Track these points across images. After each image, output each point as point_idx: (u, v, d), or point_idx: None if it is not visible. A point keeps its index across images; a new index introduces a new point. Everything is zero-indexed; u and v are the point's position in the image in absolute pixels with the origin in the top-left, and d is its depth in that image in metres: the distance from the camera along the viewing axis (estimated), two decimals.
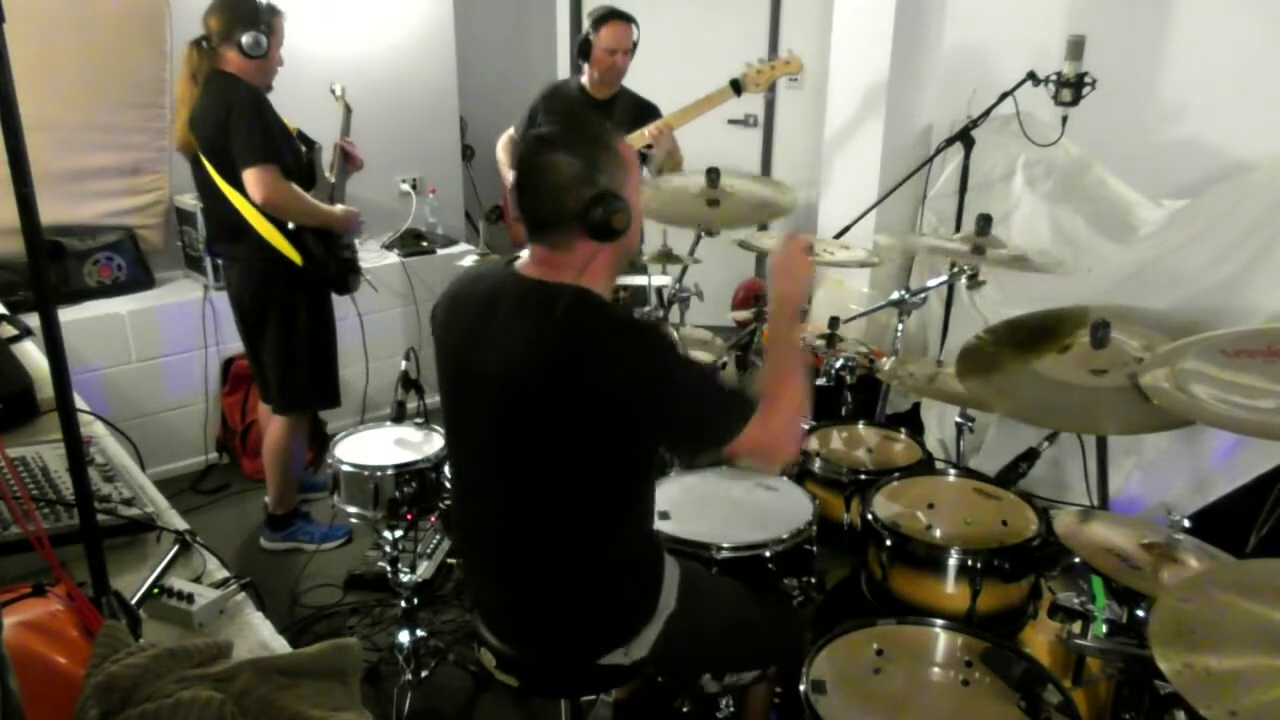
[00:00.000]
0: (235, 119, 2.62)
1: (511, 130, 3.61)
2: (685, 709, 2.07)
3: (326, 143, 3.05)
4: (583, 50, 3.38)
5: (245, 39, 2.65)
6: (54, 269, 3.36)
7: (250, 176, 2.63)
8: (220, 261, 3.03)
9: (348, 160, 3.07)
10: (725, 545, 1.93)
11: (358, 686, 1.14)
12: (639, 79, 3.51)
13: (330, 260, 2.89)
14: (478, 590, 1.79)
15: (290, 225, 2.77)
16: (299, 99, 4.05)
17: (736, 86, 3.28)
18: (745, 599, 1.86)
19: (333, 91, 3.18)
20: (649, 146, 3.26)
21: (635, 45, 3.37)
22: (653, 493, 1.72)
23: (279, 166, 2.68)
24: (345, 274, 2.97)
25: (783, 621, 1.95)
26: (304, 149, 2.90)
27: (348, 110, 3.17)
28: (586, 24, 3.38)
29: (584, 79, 3.46)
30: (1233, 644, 1.20)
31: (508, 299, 1.56)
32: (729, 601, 1.83)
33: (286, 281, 2.84)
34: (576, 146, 1.49)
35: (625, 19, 3.33)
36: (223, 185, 2.72)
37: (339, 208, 2.94)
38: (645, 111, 3.45)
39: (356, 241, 4.03)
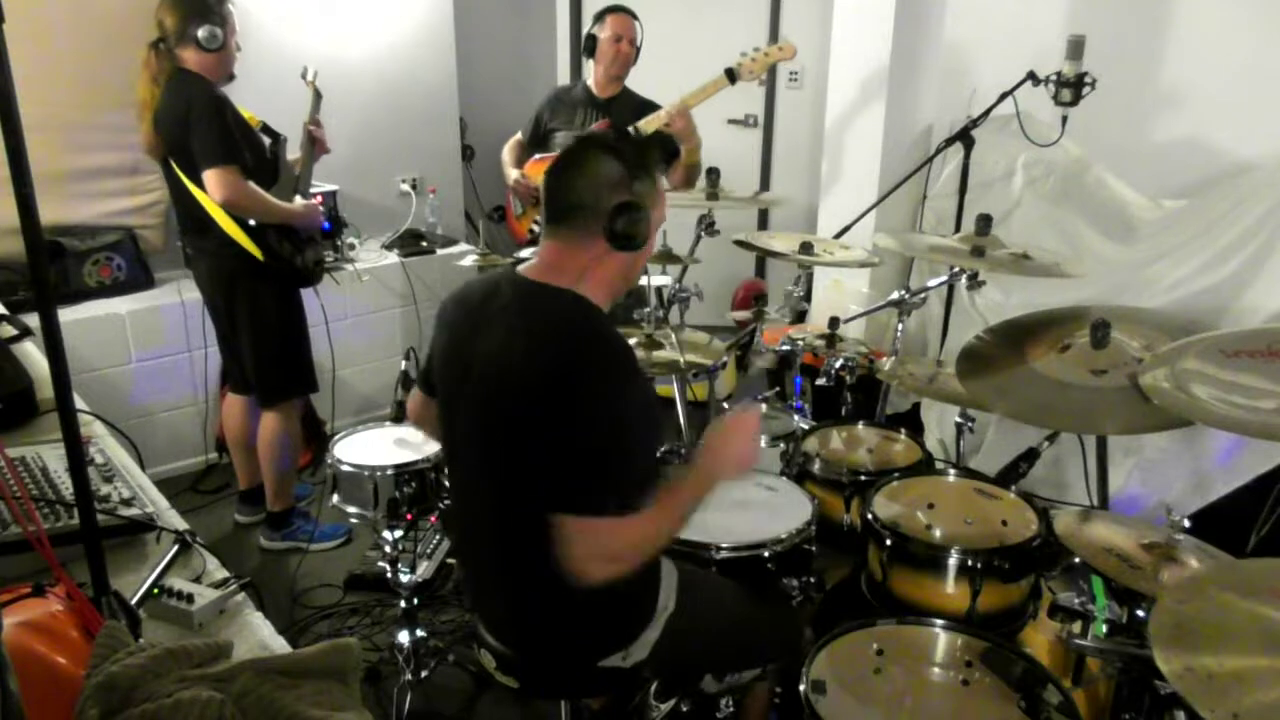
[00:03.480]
0: (194, 119, 2.63)
1: (519, 135, 3.60)
2: (685, 709, 2.07)
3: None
4: (588, 47, 3.38)
5: (201, 33, 2.64)
6: (54, 269, 3.35)
7: (210, 177, 2.64)
8: (189, 254, 3.02)
9: (314, 144, 3.04)
10: (725, 545, 1.92)
11: (358, 686, 1.14)
12: (640, 76, 3.51)
13: (293, 255, 2.89)
14: (475, 592, 1.79)
15: (252, 222, 2.78)
16: (295, 99, 4.07)
17: (731, 75, 3.25)
18: (743, 598, 1.86)
19: (304, 76, 3.10)
20: (667, 126, 3.25)
21: (638, 46, 3.37)
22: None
23: (239, 166, 2.68)
24: (308, 268, 2.96)
25: (781, 619, 1.95)
26: (269, 141, 2.89)
27: (317, 95, 3.12)
28: (590, 24, 3.38)
29: (589, 79, 3.45)
30: (1234, 645, 1.19)
31: (504, 300, 1.56)
32: (727, 601, 1.83)
33: (251, 275, 2.85)
34: (622, 155, 1.54)
35: (629, 12, 3.35)
36: (188, 183, 2.73)
37: (299, 203, 2.92)
38: (647, 111, 3.45)
39: (356, 241, 4.07)
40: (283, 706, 1.03)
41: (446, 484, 2.28)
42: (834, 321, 2.88)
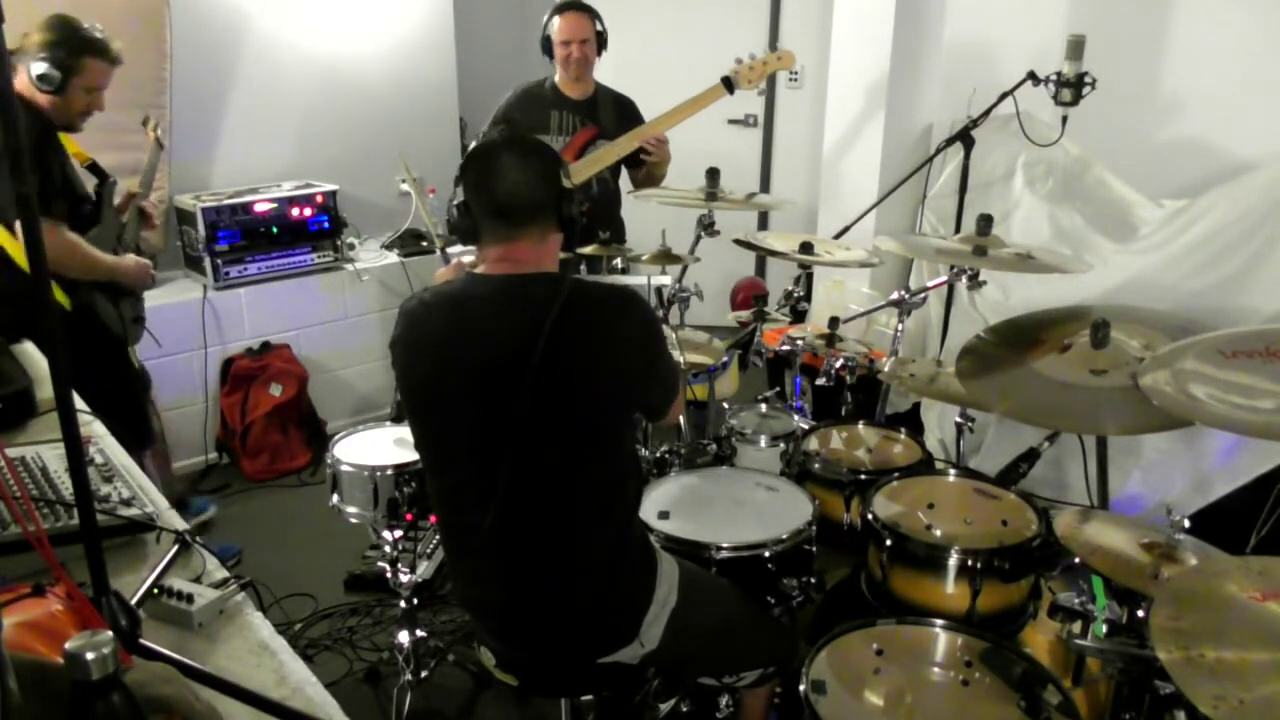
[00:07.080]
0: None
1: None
2: (685, 709, 2.07)
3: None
4: (545, 47, 3.27)
5: (36, 68, 2.36)
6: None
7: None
8: None
9: (142, 218, 2.82)
10: (725, 545, 1.92)
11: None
12: (637, 80, 3.50)
13: (111, 312, 2.65)
14: (475, 597, 1.77)
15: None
16: (295, 99, 4.07)
17: (729, 84, 3.16)
18: (742, 597, 1.88)
19: (144, 123, 2.90)
20: (646, 153, 3.19)
21: (601, 37, 3.25)
22: (639, 467, 1.80)
23: (55, 218, 2.38)
24: (125, 327, 2.73)
25: (777, 624, 1.96)
26: (97, 180, 2.67)
27: (158, 147, 2.90)
28: (545, 19, 3.25)
29: (555, 77, 3.33)
30: (1235, 639, 1.20)
31: (489, 299, 1.58)
32: (728, 598, 1.84)
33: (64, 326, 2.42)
34: (540, 146, 1.67)
35: (581, 9, 3.21)
36: None
37: (129, 259, 2.68)
38: (627, 108, 3.36)
39: (356, 241, 4.07)
40: None
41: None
42: (834, 321, 2.87)
